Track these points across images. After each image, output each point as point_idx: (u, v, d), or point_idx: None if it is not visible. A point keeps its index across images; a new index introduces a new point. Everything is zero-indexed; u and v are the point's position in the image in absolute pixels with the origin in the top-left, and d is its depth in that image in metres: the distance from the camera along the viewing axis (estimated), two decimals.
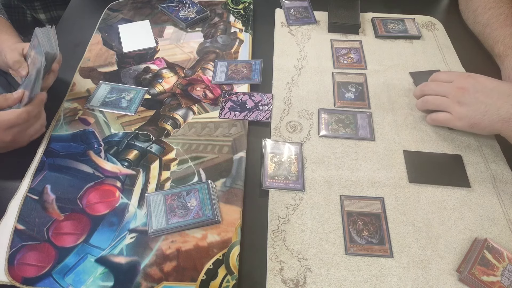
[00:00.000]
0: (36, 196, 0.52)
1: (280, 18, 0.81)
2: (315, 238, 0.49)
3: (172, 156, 0.57)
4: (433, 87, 0.60)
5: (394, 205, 0.53)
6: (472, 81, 0.56)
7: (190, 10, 0.81)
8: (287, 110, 0.64)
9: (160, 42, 0.75)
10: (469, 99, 0.55)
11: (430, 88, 0.60)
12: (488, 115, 0.53)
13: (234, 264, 0.46)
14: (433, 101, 0.59)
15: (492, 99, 0.53)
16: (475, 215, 0.52)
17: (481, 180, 0.55)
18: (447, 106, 0.57)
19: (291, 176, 0.55)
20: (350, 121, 0.62)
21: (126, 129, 0.60)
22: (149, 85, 0.67)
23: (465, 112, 0.55)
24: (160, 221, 0.49)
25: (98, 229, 0.49)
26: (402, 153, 0.58)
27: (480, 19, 0.73)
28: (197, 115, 0.62)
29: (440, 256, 0.48)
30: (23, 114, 0.52)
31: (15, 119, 0.51)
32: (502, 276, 0.45)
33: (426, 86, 0.61)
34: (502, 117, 0.52)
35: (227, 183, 0.54)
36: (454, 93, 0.56)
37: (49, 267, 0.46)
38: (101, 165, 0.55)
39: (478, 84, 0.55)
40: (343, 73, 0.70)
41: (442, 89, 0.58)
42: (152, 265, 0.46)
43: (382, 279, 0.46)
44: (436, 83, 0.60)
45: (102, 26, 0.78)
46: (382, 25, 0.79)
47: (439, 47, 0.75)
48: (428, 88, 0.61)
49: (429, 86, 0.61)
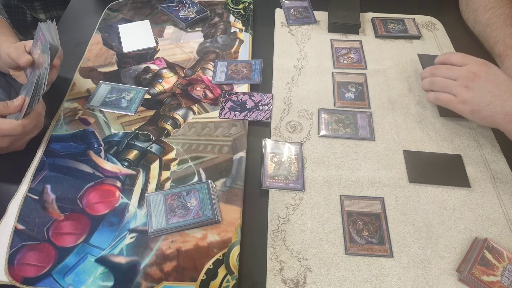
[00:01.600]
0: (36, 196, 0.52)
1: (280, 18, 0.81)
2: (315, 238, 0.49)
3: (172, 156, 0.57)
4: (444, 70, 0.60)
5: (394, 205, 0.53)
6: (486, 68, 0.56)
7: (190, 10, 0.81)
8: (287, 110, 0.64)
9: (160, 42, 0.75)
10: (478, 85, 0.55)
11: (441, 71, 0.60)
12: (492, 106, 0.53)
13: (234, 264, 0.46)
14: (441, 82, 0.59)
15: (500, 91, 0.53)
16: (475, 215, 0.52)
17: (481, 180, 0.55)
18: (453, 89, 0.57)
19: (291, 176, 0.55)
20: (350, 121, 0.62)
21: (126, 129, 0.60)
22: (149, 85, 0.67)
23: (470, 97, 0.55)
24: (160, 221, 0.49)
25: (98, 229, 0.49)
26: (402, 153, 0.58)
27: (481, 19, 0.73)
28: (197, 115, 0.62)
29: (440, 256, 0.48)
30: (19, 128, 0.52)
31: (9, 131, 0.52)
32: (502, 276, 0.45)
33: (437, 69, 0.61)
34: (506, 110, 0.52)
35: (227, 183, 0.54)
36: (464, 76, 0.56)
37: (49, 267, 0.46)
38: (101, 165, 0.55)
39: (491, 72, 0.55)
40: (343, 73, 0.70)
41: (453, 73, 0.58)
42: (152, 265, 0.46)
43: (382, 279, 0.46)
44: (447, 66, 0.60)
45: (102, 26, 0.78)
46: (382, 25, 0.79)
47: (439, 47, 0.75)
48: (439, 71, 0.60)
49: (440, 69, 0.60)
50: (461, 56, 0.60)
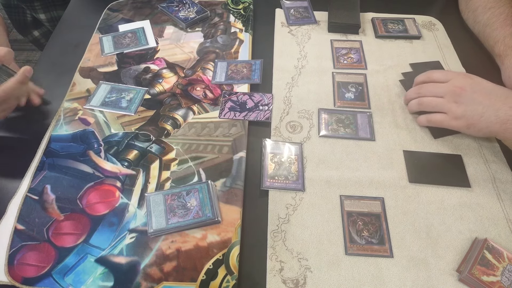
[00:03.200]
0: (36, 196, 0.52)
1: (280, 18, 0.81)
2: (315, 238, 0.49)
3: (172, 156, 0.57)
4: (430, 88, 0.59)
5: (394, 205, 0.53)
6: (470, 81, 0.55)
7: (190, 10, 0.81)
8: (287, 110, 0.64)
9: (160, 42, 0.75)
10: (466, 99, 0.54)
11: (427, 89, 0.59)
12: (485, 117, 0.52)
13: (234, 264, 0.46)
14: (430, 102, 0.58)
15: (490, 100, 0.52)
16: (475, 215, 0.52)
17: (481, 180, 0.55)
18: (443, 106, 0.56)
19: (291, 176, 0.55)
20: (350, 121, 0.62)
21: (126, 129, 0.60)
22: (149, 85, 0.67)
23: (462, 112, 0.54)
24: (160, 221, 0.49)
25: (98, 229, 0.49)
26: (402, 153, 0.58)
27: (480, 18, 0.73)
28: (197, 115, 0.62)
29: (440, 256, 0.48)
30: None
31: None
32: (502, 276, 0.45)
33: (422, 88, 0.60)
34: (501, 119, 0.51)
35: (227, 183, 0.54)
36: (451, 92, 0.56)
37: (49, 267, 0.46)
38: (101, 165, 0.55)
39: (475, 84, 0.55)
40: (343, 73, 0.70)
41: (439, 90, 0.57)
42: (152, 265, 0.46)
43: (382, 279, 0.46)
44: (432, 84, 0.59)
45: (102, 26, 0.78)
46: (382, 25, 0.79)
47: (439, 47, 0.75)
48: (425, 90, 0.60)
49: (425, 88, 0.60)
50: (441, 73, 0.60)
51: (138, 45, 0.73)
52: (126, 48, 0.73)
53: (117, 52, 0.72)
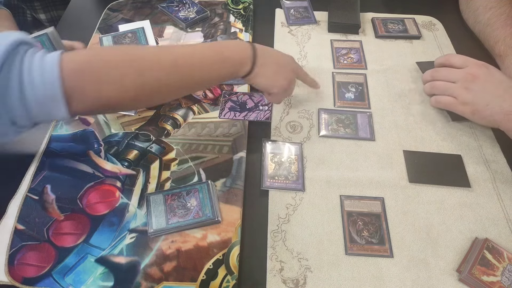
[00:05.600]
0: (36, 196, 0.52)
1: (280, 18, 0.81)
2: (315, 238, 0.49)
3: (172, 156, 0.57)
4: (444, 73, 0.61)
5: (394, 205, 0.53)
6: (485, 70, 0.57)
7: (190, 10, 0.81)
8: (287, 110, 0.64)
9: (160, 42, 0.75)
10: (477, 87, 0.56)
11: (441, 74, 0.61)
12: (491, 106, 0.54)
13: (234, 264, 0.46)
14: (441, 86, 0.60)
15: (499, 91, 0.54)
16: (475, 215, 0.52)
17: (481, 180, 0.55)
18: (453, 91, 0.58)
19: (291, 176, 0.55)
20: (350, 121, 0.62)
21: (126, 129, 0.60)
22: None
23: (471, 98, 0.56)
24: (160, 221, 0.49)
25: (98, 229, 0.49)
26: (402, 153, 0.58)
27: (481, 18, 0.73)
28: (197, 115, 0.62)
29: (440, 256, 0.48)
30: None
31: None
32: (502, 276, 0.45)
33: (437, 72, 0.62)
34: (505, 110, 0.53)
35: (227, 183, 0.54)
36: (464, 78, 0.57)
37: (49, 267, 0.46)
38: (101, 165, 0.55)
39: (489, 74, 0.57)
40: (343, 73, 0.70)
41: (453, 76, 0.59)
42: (152, 265, 0.46)
43: (382, 279, 0.46)
44: (447, 69, 0.61)
45: (102, 26, 0.78)
46: (382, 25, 0.79)
47: (439, 47, 0.75)
48: (439, 74, 0.62)
49: (440, 72, 0.62)
50: (460, 58, 0.61)
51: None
52: None
53: None
